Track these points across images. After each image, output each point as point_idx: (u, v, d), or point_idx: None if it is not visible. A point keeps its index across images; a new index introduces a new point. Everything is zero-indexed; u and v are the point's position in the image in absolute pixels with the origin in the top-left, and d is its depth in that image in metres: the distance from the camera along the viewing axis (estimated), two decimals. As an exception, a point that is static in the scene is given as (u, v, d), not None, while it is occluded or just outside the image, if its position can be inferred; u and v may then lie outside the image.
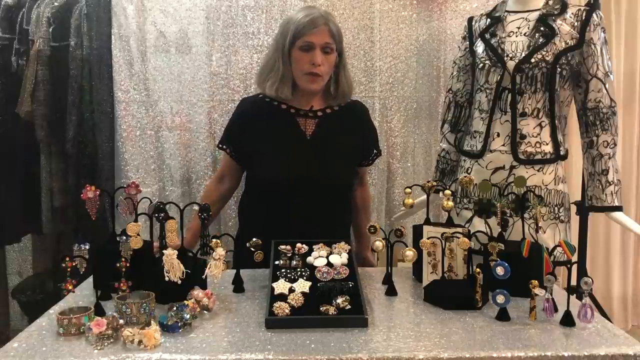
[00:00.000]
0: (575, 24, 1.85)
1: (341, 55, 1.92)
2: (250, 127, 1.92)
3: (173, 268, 1.40)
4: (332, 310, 1.34)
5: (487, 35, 1.97)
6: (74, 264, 1.32)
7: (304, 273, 1.51)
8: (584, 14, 1.85)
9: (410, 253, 1.52)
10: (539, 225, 1.67)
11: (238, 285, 1.58)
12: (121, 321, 1.26)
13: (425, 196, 1.73)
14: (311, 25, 1.81)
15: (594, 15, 1.85)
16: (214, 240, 1.55)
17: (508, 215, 1.63)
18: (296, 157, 1.86)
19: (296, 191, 1.83)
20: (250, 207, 1.99)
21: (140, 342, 1.19)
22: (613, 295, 3.27)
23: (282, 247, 1.61)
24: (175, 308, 1.32)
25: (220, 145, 1.99)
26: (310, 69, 1.83)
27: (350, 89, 1.97)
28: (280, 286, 1.44)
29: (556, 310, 1.35)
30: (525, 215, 1.64)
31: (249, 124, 1.93)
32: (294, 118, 1.90)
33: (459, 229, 1.53)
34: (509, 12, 1.97)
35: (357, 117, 2.01)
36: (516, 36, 1.91)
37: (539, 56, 1.84)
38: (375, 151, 2.05)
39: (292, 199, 1.84)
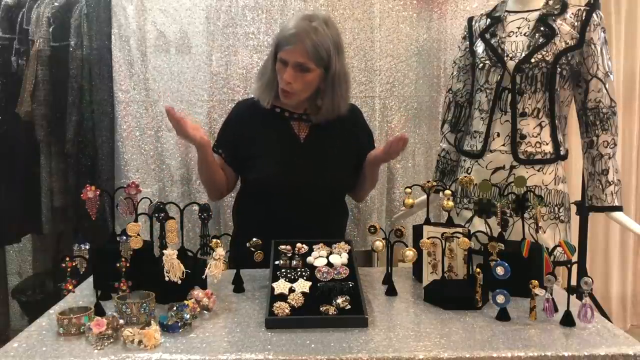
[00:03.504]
0: (576, 24, 1.85)
1: (328, 71, 1.81)
2: (245, 131, 1.91)
3: (173, 268, 1.40)
4: (332, 310, 1.34)
5: (487, 35, 1.97)
6: (74, 264, 1.32)
7: (304, 273, 1.50)
8: (584, 14, 1.85)
9: (410, 253, 1.52)
10: (539, 225, 1.66)
11: (238, 285, 1.58)
12: (121, 321, 1.26)
13: (425, 196, 1.73)
14: (286, 42, 1.77)
15: (594, 15, 1.85)
16: (214, 240, 1.55)
17: (508, 215, 1.63)
18: (290, 162, 1.85)
19: (290, 195, 1.83)
20: (245, 208, 1.98)
21: (140, 342, 1.19)
22: (612, 295, 3.27)
23: (282, 247, 1.61)
24: (175, 308, 1.32)
25: (215, 149, 1.95)
26: (282, 84, 1.81)
27: (340, 108, 1.88)
28: (280, 286, 1.44)
29: (556, 310, 1.35)
30: (525, 215, 1.64)
31: (243, 127, 1.92)
32: (288, 122, 1.89)
33: (459, 229, 1.53)
34: (509, 12, 1.97)
35: (350, 119, 1.97)
36: (516, 36, 1.91)
37: (539, 56, 1.84)
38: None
39: (286, 202, 1.83)
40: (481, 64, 1.95)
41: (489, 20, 2.00)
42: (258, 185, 1.88)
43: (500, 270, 1.39)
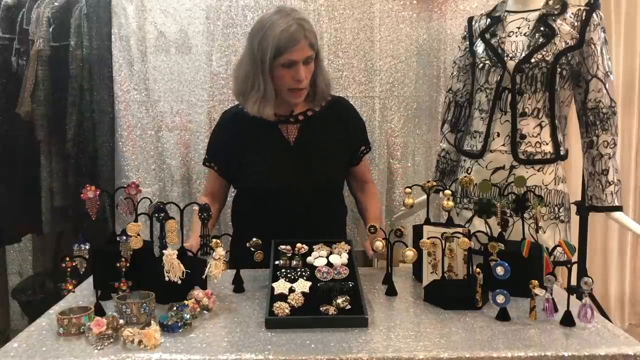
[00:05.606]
0: (576, 23, 1.85)
1: (317, 56, 1.83)
2: (234, 140, 1.90)
3: (173, 268, 1.40)
4: (332, 310, 1.34)
5: (487, 35, 1.97)
6: (74, 264, 1.32)
7: (304, 273, 1.51)
8: (584, 14, 1.85)
9: (410, 253, 1.52)
10: (539, 225, 1.67)
11: (238, 285, 1.59)
12: (121, 321, 1.26)
13: (425, 196, 1.73)
14: (292, 42, 1.72)
15: (594, 15, 1.85)
16: (214, 240, 1.55)
17: (508, 215, 1.62)
18: (282, 165, 1.85)
19: (286, 198, 1.83)
20: (242, 214, 1.98)
21: (140, 342, 1.19)
22: (611, 294, 3.28)
23: (282, 247, 1.61)
24: (175, 308, 1.32)
25: (207, 163, 1.95)
26: (294, 85, 1.78)
27: (328, 87, 1.91)
28: (280, 286, 1.44)
29: (556, 310, 1.35)
30: (525, 215, 1.64)
31: (232, 136, 1.91)
32: (276, 125, 1.88)
33: (459, 229, 1.53)
34: (509, 12, 1.97)
35: (339, 115, 1.96)
36: (516, 36, 1.91)
37: (539, 56, 1.84)
38: (363, 147, 1.99)
39: (283, 205, 1.83)
40: (481, 64, 1.95)
41: (489, 20, 2.00)
42: (253, 192, 1.88)
43: (500, 270, 1.39)
